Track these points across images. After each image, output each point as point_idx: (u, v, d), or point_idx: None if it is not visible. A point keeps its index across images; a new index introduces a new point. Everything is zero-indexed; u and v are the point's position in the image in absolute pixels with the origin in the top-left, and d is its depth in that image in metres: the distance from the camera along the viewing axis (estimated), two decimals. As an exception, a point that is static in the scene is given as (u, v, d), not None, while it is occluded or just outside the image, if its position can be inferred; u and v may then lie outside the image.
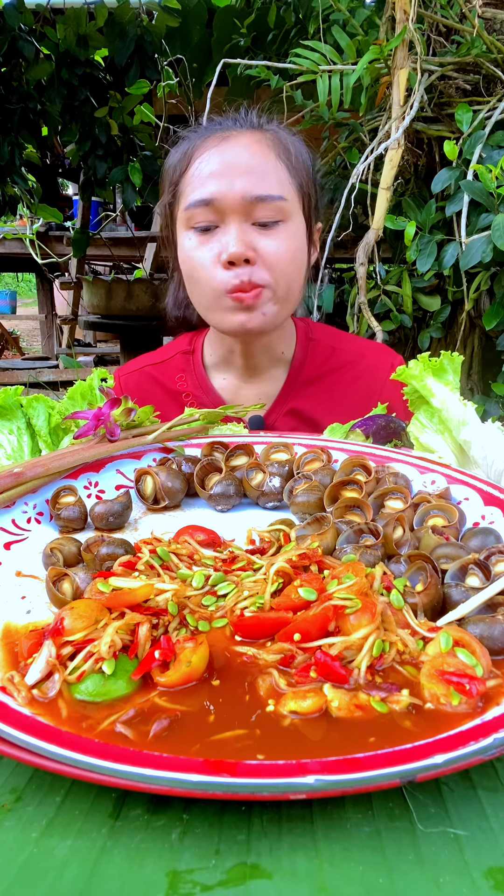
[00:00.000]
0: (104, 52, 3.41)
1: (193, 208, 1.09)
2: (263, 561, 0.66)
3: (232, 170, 1.08)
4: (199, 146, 1.13)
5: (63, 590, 0.62)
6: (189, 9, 3.13)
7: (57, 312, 6.51)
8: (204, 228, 1.10)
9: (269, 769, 0.41)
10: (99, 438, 0.86)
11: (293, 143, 1.17)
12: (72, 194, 7.09)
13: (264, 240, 1.09)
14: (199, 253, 1.10)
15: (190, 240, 1.12)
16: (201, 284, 1.12)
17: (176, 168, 1.16)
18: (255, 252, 1.08)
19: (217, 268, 1.09)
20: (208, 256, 1.10)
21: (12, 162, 3.41)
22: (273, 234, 1.10)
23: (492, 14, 2.16)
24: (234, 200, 1.07)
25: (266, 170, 1.09)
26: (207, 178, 1.08)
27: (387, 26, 2.09)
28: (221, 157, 1.09)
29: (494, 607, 0.56)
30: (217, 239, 1.09)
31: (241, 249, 1.06)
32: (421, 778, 0.40)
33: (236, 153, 1.10)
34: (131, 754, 0.42)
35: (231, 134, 1.12)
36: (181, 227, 1.14)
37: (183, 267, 1.16)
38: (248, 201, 1.07)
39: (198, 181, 1.10)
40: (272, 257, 1.09)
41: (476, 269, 2.04)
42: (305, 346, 1.29)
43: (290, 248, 1.11)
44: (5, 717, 0.45)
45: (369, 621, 0.51)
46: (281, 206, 1.09)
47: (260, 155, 1.10)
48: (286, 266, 1.11)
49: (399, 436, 0.96)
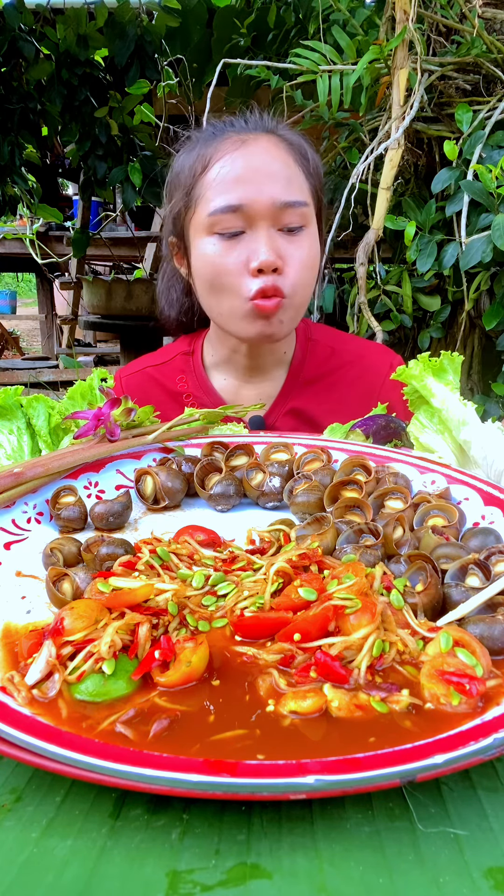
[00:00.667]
0: (104, 52, 3.41)
1: (220, 213, 1.07)
2: (263, 561, 0.66)
3: (258, 175, 1.07)
4: (215, 149, 1.11)
5: (63, 590, 0.62)
6: (189, 9, 3.13)
7: (57, 312, 6.51)
8: (231, 234, 1.08)
9: (269, 769, 0.41)
10: (99, 438, 0.86)
11: (307, 147, 1.16)
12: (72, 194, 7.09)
13: (290, 247, 1.09)
14: (226, 259, 1.08)
15: (214, 245, 1.09)
16: (225, 290, 1.10)
17: (190, 171, 1.13)
18: (283, 260, 1.08)
19: (243, 274, 1.08)
20: (234, 262, 1.08)
21: (12, 162, 3.41)
22: (298, 240, 1.10)
23: (492, 14, 2.16)
24: (263, 207, 1.06)
25: (289, 175, 1.09)
26: (233, 183, 1.07)
27: (387, 26, 2.09)
28: (245, 161, 1.08)
29: (494, 607, 0.56)
30: (245, 245, 1.08)
31: (272, 258, 1.05)
32: (421, 778, 0.40)
33: (259, 158, 1.08)
34: (131, 754, 0.42)
35: (248, 137, 1.11)
36: (200, 231, 1.11)
37: (202, 272, 1.13)
38: (277, 207, 1.06)
39: (222, 186, 1.08)
40: (296, 266, 1.09)
41: (476, 269, 2.04)
42: (305, 346, 1.29)
43: (312, 256, 1.12)
44: (5, 717, 0.45)
45: (369, 621, 0.51)
46: (304, 212, 1.10)
47: (281, 160, 1.09)
48: (307, 274, 1.11)
49: (399, 436, 0.96)
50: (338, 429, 0.97)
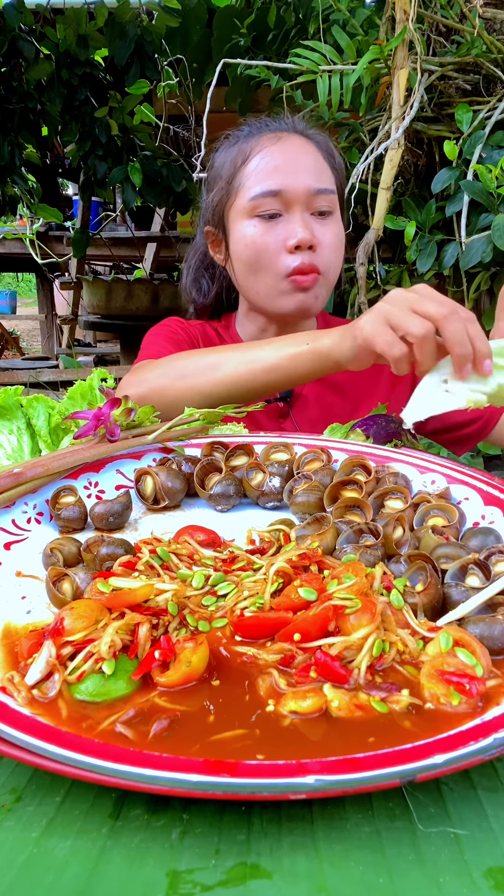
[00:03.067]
0: (104, 52, 3.41)
1: (261, 197, 1.21)
2: (263, 561, 0.66)
3: (294, 165, 1.22)
4: (255, 144, 1.26)
5: (63, 590, 0.62)
6: (189, 9, 3.13)
7: (57, 312, 6.51)
8: (269, 216, 1.21)
9: (269, 769, 0.41)
10: (99, 438, 0.86)
11: (332, 146, 1.32)
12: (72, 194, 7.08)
13: (322, 229, 1.23)
14: (266, 238, 1.21)
15: (254, 227, 1.22)
16: (265, 267, 1.23)
17: (231, 164, 1.27)
18: (316, 239, 1.20)
19: (282, 252, 1.20)
20: (274, 241, 1.21)
21: (12, 162, 3.41)
22: (328, 224, 1.24)
23: (492, 14, 2.16)
24: (299, 191, 1.20)
25: (320, 167, 1.24)
26: (273, 172, 1.21)
27: (387, 26, 2.09)
28: (282, 153, 1.23)
29: (494, 607, 0.56)
30: (282, 226, 1.21)
31: (308, 236, 1.19)
32: (421, 778, 0.40)
33: (295, 151, 1.24)
34: (131, 754, 0.42)
35: (282, 135, 1.26)
36: (241, 216, 1.24)
37: (242, 253, 1.25)
38: (311, 193, 1.21)
39: (263, 174, 1.22)
40: (328, 245, 1.23)
41: (476, 269, 2.04)
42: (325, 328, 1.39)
43: (340, 238, 1.27)
44: (5, 717, 0.45)
45: (369, 621, 0.51)
46: (332, 199, 1.25)
47: (312, 154, 1.25)
48: (337, 254, 1.26)
49: (399, 436, 0.96)
50: (338, 429, 0.97)
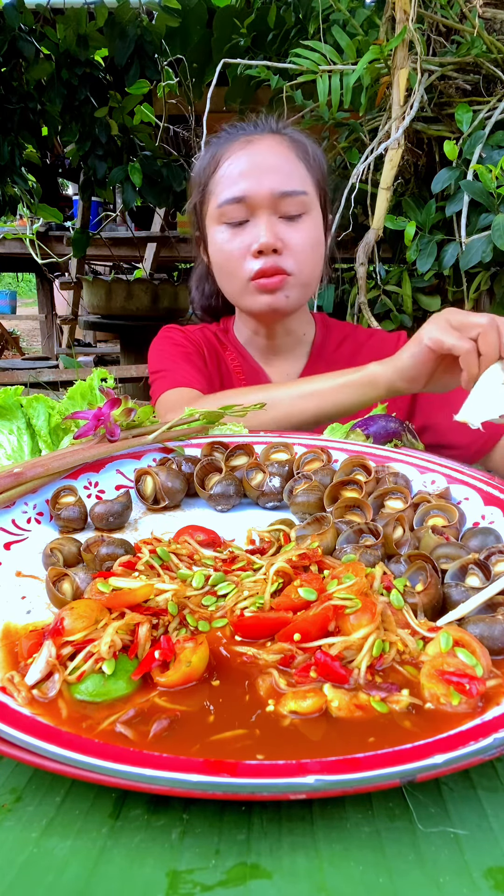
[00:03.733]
0: (104, 52, 3.41)
1: (226, 205, 1.21)
2: (263, 561, 0.66)
3: (259, 169, 1.20)
4: (226, 150, 1.25)
5: (63, 590, 0.62)
6: (189, 9, 3.13)
7: (57, 312, 6.50)
8: (236, 223, 1.22)
9: (269, 769, 0.41)
10: (99, 438, 0.86)
11: (309, 143, 1.29)
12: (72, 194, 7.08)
13: (290, 231, 1.21)
14: (231, 244, 1.23)
15: (222, 233, 1.24)
16: (231, 273, 1.24)
17: (204, 171, 1.28)
18: (283, 242, 1.20)
19: (247, 257, 1.21)
20: (239, 247, 1.22)
21: (12, 162, 3.41)
22: (297, 226, 1.22)
23: (492, 14, 2.16)
24: (262, 196, 1.19)
25: (289, 168, 1.22)
26: (238, 178, 1.21)
27: (387, 26, 2.09)
28: (249, 158, 1.22)
29: (494, 607, 0.56)
30: (248, 231, 1.21)
31: (270, 240, 1.18)
32: (421, 778, 0.40)
33: (262, 154, 1.22)
34: (131, 754, 0.42)
35: (254, 138, 1.25)
36: (212, 222, 1.26)
37: (215, 258, 1.28)
38: (276, 197, 1.19)
39: (229, 180, 1.22)
40: (297, 247, 1.21)
41: (476, 269, 2.04)
42: (325, 330, 1.43)
43: (312, 238, 1.24)
44: (5, 717, 0.45)
45: (369, 621, 0.51)
46: (303, 200, 1.22)
47: (282, 155, 1.23)
48: (308, 254, 1.24)
49: (399, 436, 0.96)
50: (338, 429, 0.97)
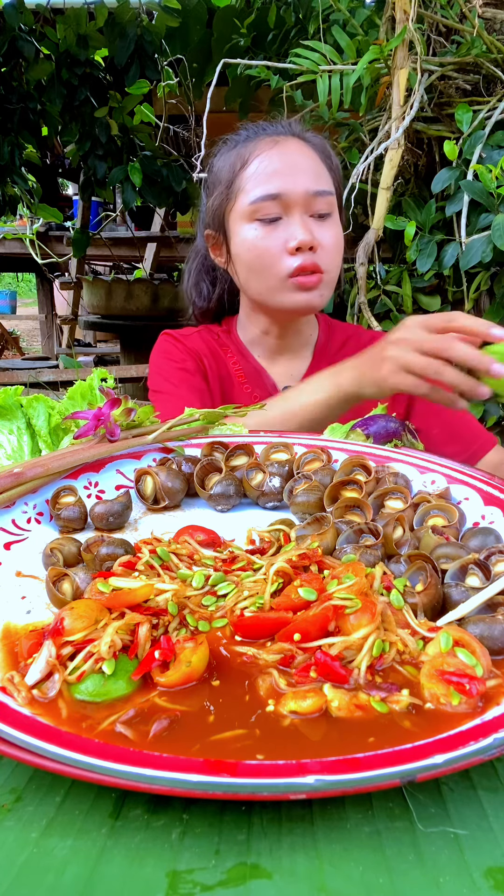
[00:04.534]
0: (104, 52, 3.41)
1: (261, 201, 1.23)
2: (263, 561, 0.66)
3: (294, 168, 1.24)
4: (253, 149, 1.28)
5: (63, 590, 0.62)
6: (189, 9, 3.13)
7: (57, 312, 6.51)
8: (270, 220, 1.24)
9: (269, 769, 0.41)
10: (99, 438, 0.86)
11: (328, 148, 1.34)
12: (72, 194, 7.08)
13: (321, 230, 1.25)
14: (266, 241, 1.24)
15: (255, 230, 1.25)
16: (265, 269, 1.25)
17: (230, 168, 1.29)
18: (316, 241, 1.23)
19: (283, 254, 1.23)
20: (275, 244, 1.23)
21: (12, 162, 3.41)
22: (327, 225, 1.26)
23: (492, 14, 2.16)
24: (298, 195, 1.22)
25: (318, 170, 1.26)
26: (272, 176, 1.23)
27: (387, 26, 2.09)
28: (281, 157, 1.25)
29: (494, 607, 0.56)
30: (283, 229, 1.23)
31: (309, 237, 1.21)
32: (421, 778, 0.40)
33: (294, 155, 1.26)
34: (131, 754, 0.42)
35: (279, 139, 1.28)
36: (241, 219, 1.27)
37: (245, 255, 1.27)
38: (310, 195, 1.23)
39: (262, 178, 1.24)
40: (328, 246, 1.25)
41: (476, 269, 2.04)
42: (327, 330, 1.45)
43: (339, 238, 1.29)
44: (5, 717, 0.45)
45: (369, 621, 0.51)
46: (331, 201, 1.27)
47: (311, 157, 1.27)
48: (337, 254, 1.29)
49: (399, 436, 0.96)
50: (338, 429, 0.97)
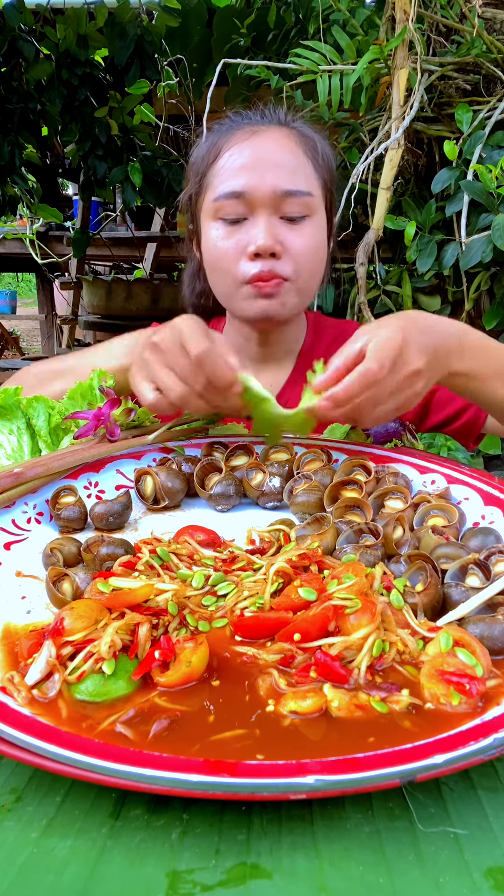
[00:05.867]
0: (104, 52, 3.41)
1: (223, 199, 1.11)
2: (263, 561, 0.66)
3: (262, 164, 1.10)
4: (228, 139, 1.14)
5: (63, 590, 0.62)
6: (189, 9, 3.13)
7: (57, 312, 6.50)
8: (233, 220, 1.12)
9: (269, 769, 0.41)
10: (99, 438, 0.86)
11: (319, 140, 1.19)
12: (72, 194, 7.08)
13: (291, 234, 1.11)
14: (225, 243, 1.12)
15: (217, 230, 1.13)
16: (223, 274, 1.14)
17: (203, 159, 1.17)
18: (282, 246, 1.10)
19: (242, 258, 1.11)
20: (234, 247, 1.11)
21: (12, 162, 3.41)
22: (299, 228, 1.12)
23: (492, 14, 2.16)
24: (264, 194, 1.09)
25: (295, 165, 1.12)
26: (238, 171, 1.10)
27: (387, 26, 2.09)
28: (252, 150, 1.11)
29: (494, 607, 0.56)
30: (245, 231, 1.11)
31: (269, 243, 1.08)
32: (421, 778, 0.40)
33: (266, 148, 1.12)
34: (131, 754, 0.42)
35: (259, 128, 1.15)
36: (207, 217, 1.16)
37: (207, 256, 1.17)
38: (278, 195, 1.09)
39: (228, 173, 1.11)
40: (297, 252, 1.11)
41: (476, 269, 2.04)
42: (314, 334, 1.34)
43: (314, 243, 1.14)
44: (5, 717, 0.45)
45: (369, 621, 0.51)
46: (308, 202, 1.12)
47: (289, 150, 1.12)
48: (309, 260, 1.14)
49: (399, 436, 0.96)
50: (338, 429, 0.97)
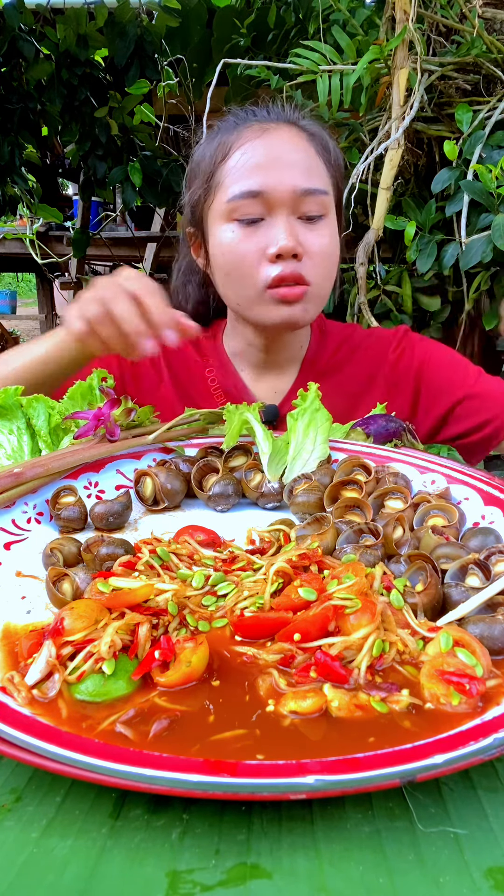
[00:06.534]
0: (104, 52, 3.40)
1: (239, 199, 1.06)
2: (263, 561, 0.66)
3: (279, 162, 1.06)
4: (237, 137, 1.10)
5: (63, 590, 0.62)
6: (189, 9, 3.13)
7: (57, 312, 6.50)
8: (249, 221, 1.07)
9: (269, 769, 0.41)
10: (99, 438, 0.86)
11: (328, 139, 1.15)
12: (72, 194, 7.08)
13: (310, 235, 1.08)
14: (244, 245, 1.07)
15: (232, 232, 1.08)
16: (242, 279, 1.09)
17: (211, 158, 1.12)
18: (302, 247, 1.07)
19: (262, 261, 1.07)
20: (254, 249, 1.07)
21: (12, 162, 3.41)
22: (317, 229, 1.09)
23: (492, 14, 2.16)
24: (283, 193, 1.05)
25: (310, 164, 1.08)
26: (254, 170, 1.06)
27: (387, 26, 2.09)
28: (266, 148, 1.07)
29: (494, 607, 0.56)
30: (263, 232, 1.06)
31: (292, 243, 1.04)
32: (421, 778, 0.40)
33: (281, 146, 1.08)
34: (131, 754, 0.42)
35: (269, 126, 1.10)
36: (219, 219, 1.10)
37: (220, 261, 1.12)
38: (297, 194, 1.06)
39: (242, 172, 1.07)
40: (317, 253, 1.08)
41: (476, 269, 2.04)
42: (319, 339, 1.29)
43: (332, 245, 1.11)
44: (5, 717, 0.45)
45: (369, 621, 0.51)
46: (324, 201, 1.09)
47: (302, 149, 1.09)
48: (329, 262, 1.11)
49: (399, 436, 0.96)
50: (338, 429, 0.97)
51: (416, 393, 1.23)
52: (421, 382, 1.22)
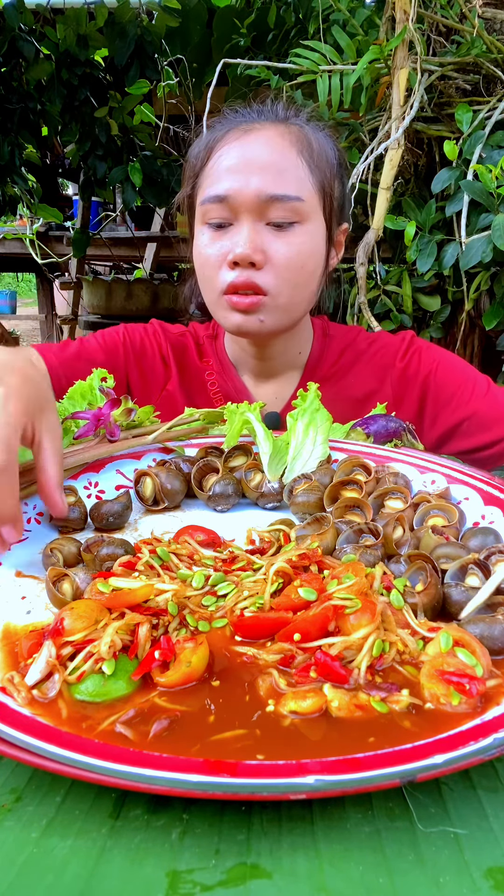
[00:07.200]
0: (104, 52, 3.40)
1: (208, 203, 1.06)
2: (263, 561, 0.66)
3: (249, 166, 1.03)
4: (220, 138, 1.09)
5: (63, 590, 0.62)
6: (189, 9, 3.13)
7: (57, 312, 6.50)
8: (218, 225, 1.07)
9: (269, 769, 0.41)
10: (99, 438, 0.86)
11: (317, 139, 1.11)
12: (72, 194, 7.08)
13: (276, 242, 1.04)
14: (209, 249, 1.08)
15: (204, 235, 1.09)
16: (206, 282, 1.11)
17: (197, 159, 1.12)
18: (264, 255, 1.04)
19: (223, 266, 1.06)
20: (217, 253, 1.06)
21: (12, 162, 3.41)
22: (286, 236, 1.05)
23: (492, 14, 2.16)
24: (247, 198, 1.03)
25: (284, 167, 1.04)
26: (224, 173, 1.05)
27: (387, 26, 2.09)
28: (240, 151, 1.05)
29: (494, 607, 0.56)
30: (229, 237, 1.06)
31: (248, 251, 1.02)
32: (421, 778, 0.40)
33: (256, 148, 1.05)
34: (131, 754, 0.42)
35: (254, 127, 1.08)
36: (198, 220, 1.11)
37: (195, 261, 1.14)
38: (262, 200, 1.03)
39: (215, 176, 1.06)
40: (280, 262, 1.05)
41: (476, 269, 2.04)
42: (322, 344, 1.27)
43: (302, 253, 1.06)
44: (5, 717, 0.45)
45: (369, 621, 0.51)
46: (297, 207, 1.04)
47: (279, 151, 1.05)
48: (293, 272, 1.06)
49: (399, 436, 0.96)
50: (338, 429, 0.97)
51: (423, 402, 1.22)
52: (427, 392, 1.21)
